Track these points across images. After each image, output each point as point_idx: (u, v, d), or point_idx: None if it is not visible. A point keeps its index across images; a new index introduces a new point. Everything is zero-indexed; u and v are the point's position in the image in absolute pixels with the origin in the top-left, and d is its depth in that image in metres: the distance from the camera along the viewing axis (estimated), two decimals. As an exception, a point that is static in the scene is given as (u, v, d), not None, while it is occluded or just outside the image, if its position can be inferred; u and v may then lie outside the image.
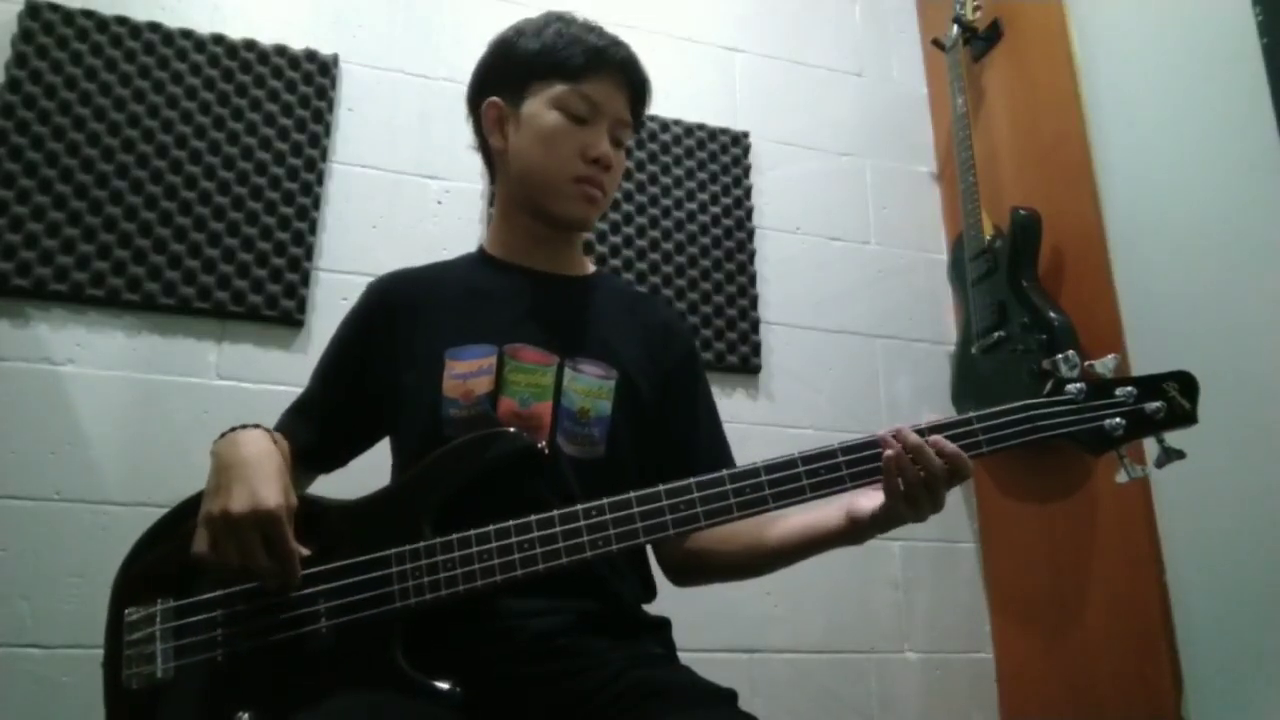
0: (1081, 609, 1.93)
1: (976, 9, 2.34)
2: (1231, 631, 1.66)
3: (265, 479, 0.96)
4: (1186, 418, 1.01)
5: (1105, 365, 1.03)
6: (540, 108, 1.15)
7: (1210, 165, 1.81)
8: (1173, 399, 1.01)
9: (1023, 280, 2.04)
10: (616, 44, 1.18)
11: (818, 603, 2.06)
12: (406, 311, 1.19)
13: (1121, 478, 1.02)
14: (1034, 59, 2.23)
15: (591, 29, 1.19)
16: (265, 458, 0.99)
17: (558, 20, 1.19)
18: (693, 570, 1.18)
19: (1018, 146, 2.25)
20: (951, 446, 0.97)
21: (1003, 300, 2.06)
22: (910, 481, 0.96)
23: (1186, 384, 1.02)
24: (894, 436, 0.97)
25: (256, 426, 1.05)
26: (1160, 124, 1.93)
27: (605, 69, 1.16)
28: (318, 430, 1.19)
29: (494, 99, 1.20)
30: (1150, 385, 1.02)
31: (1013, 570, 2.15)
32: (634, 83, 1.19)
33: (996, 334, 2.05)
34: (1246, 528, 1.65)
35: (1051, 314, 1.96)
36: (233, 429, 1.04)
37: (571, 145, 1.14)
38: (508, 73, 1.20)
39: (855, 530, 1.03)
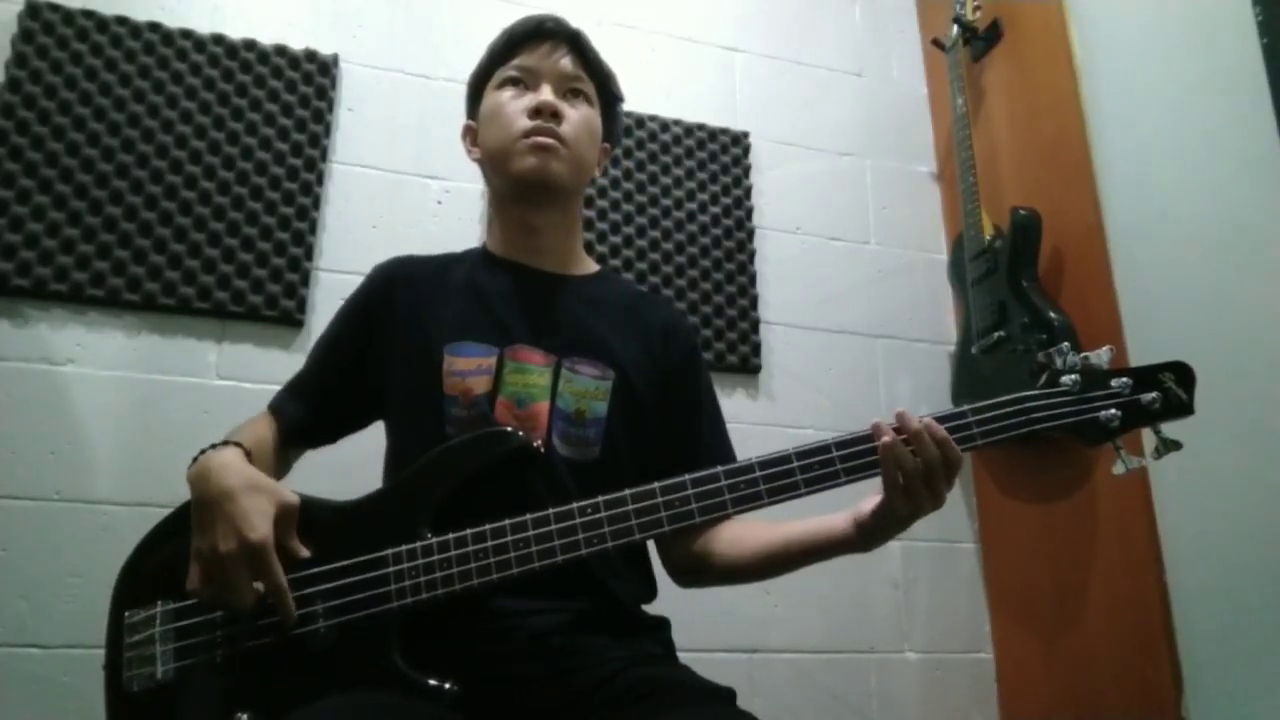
0: (1081, 609, 1.93)
1: (976, 9, 2.34)
2: (1231, 632, 1.66)
3: (248, 512, 0.95)
4: (1183, 408, 1.00)
5: (1100, 357, 1.02)
6: (489, 97, 1.22)
7: (1210, 165, 1.80)
8: (1169, 389, 1.00)
9: (1023, 280, 2.04)
10: (541, 15, 1.22)
11: (818, 603, 2.06)
12: (407, 300, 1.19)
13: (1119, 469, 1.01)
14: (1034, 59, 2.23)
15: (523, 17, 1.24)
16: (244, 488, 0.97)
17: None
18: (697, 572, 1.17)
19: (1018, 146, 2.25)
20: (941, 431, 0.96)
21: (1003, 300, 2.06)
22: (907, 471, 0.95)
23: (1183, 374, 1.01)
24: (897, 419, 0.96)
25: (227, 444, 1.04)
26: (1160, 124, 1.93)
27: (530, 37, 1.21)
28: (310, 408, 1.20)
29: (468, 122, 1.28)
30: (1146, 376, 1.01)
31: (1013, 570, 2.15)
32: (566, 37, 1.22)
33: (996, 334, 2.05)
34: (1246, 528, 1.65)
35: (1051, 314, 1.96)
36: (203, 451, 1.04)
37: (514, 109, 1.17)
38: (470, 94, 1.28)
39: (860, 533, 1.02)
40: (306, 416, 1.19)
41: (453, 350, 1.12)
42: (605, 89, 1.26)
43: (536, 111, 1.15)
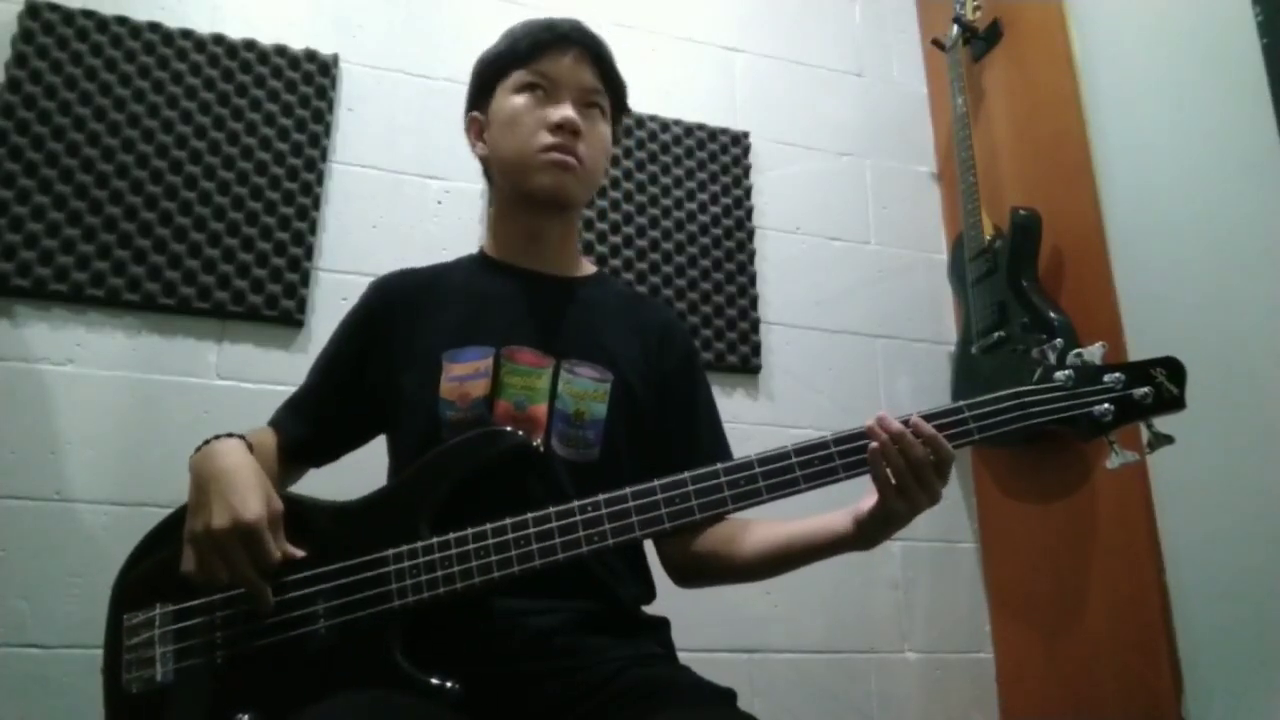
0: (1081, 609, 1.93)
1: (976, 9, 2.34)
2: (1231, 632, 1.66)
3: (244, 491, 0.96)
4: (1174, 403, 1.02)
5: (1093, 353, 1.03)
6: (504, 99, 1.19)
7: (1210, 165, 1.80)
8: (1160, 384, 1.02)
9: (1023, 280, 2.04)
10: (565, 20, 1.21)
11: (818, 603, 2.06)
12: (406, 312, 1.20)
13: (1112, 463, 1.02)
14: (1034, 59, 2.23)
15: (545, 19, 1.21)
16: (242, 469, 0.98)
17: (517, 23, 1.23)
18: (697, 572, 1.17)
19: (1018, 146, 2.25)
20: (928, 428, 0.97)
21: (1003, 300, 2.06)
22: (897, 470, 0.95)
23: (1174, 369, 1.03)
24: (877, 424, 0.97)
25: (231, 435, 1.05)
26: (1160, 124, 1.93)
27: (555, 44, 1.18)
28: (311, 425, 1.20)
29: (473, 113, 1.25)
30: (1138, 371, 1.03)
31: (1013, 570, 2.15)
32: (590, 48, 1.20)
33: (996, 334, 2.05)
34: (1246, 528, 1.65)
35: (1051, 314, 1.96)
36: (208, 441, 1.04)
37: (534, 119, 1.16)
38: (479, 85, 1.25)
39: (859, 531, 1.02)
40: (306, 432, 1.20)
41: (450, 357, 1.12)
42: (619, 101, 1.25)
43: (558, 127, 1.14)
